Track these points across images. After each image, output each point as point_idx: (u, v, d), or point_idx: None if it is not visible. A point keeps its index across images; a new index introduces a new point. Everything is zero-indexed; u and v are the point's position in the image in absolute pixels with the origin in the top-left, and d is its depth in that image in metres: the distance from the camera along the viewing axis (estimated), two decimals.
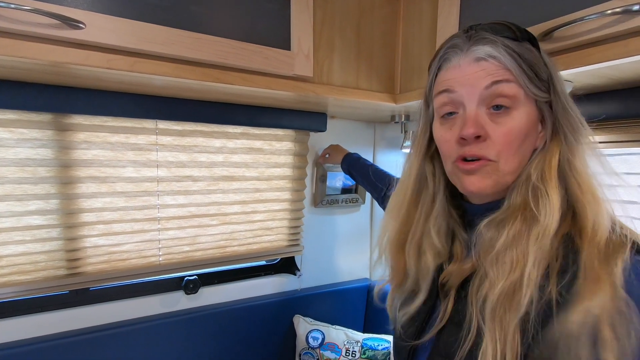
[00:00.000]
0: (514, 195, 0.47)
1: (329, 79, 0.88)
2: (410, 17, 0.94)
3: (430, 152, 0.57)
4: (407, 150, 1.23)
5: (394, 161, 1.47)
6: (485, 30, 0.47)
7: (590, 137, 0.47)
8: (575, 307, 0.39)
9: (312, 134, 1.25)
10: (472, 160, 0.48)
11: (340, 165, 1.19)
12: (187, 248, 1.12)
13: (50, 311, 0.98)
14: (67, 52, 0.60)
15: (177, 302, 1.15)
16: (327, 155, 1.25)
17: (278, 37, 0.79)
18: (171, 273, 1.11)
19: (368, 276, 1.53)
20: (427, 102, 0.56)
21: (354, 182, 1.41)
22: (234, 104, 1.02)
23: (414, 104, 0.95)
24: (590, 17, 0.55)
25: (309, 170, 1.29)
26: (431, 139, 0.56)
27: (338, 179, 1.36)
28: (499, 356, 0.41)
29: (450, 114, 0.50)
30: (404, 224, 0.58)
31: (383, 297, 0.65)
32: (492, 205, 0.50)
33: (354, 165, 1.13)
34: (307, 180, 1.29)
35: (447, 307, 0.51)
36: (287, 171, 1.24)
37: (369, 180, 1.07)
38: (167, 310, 1.13)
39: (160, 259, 1.08)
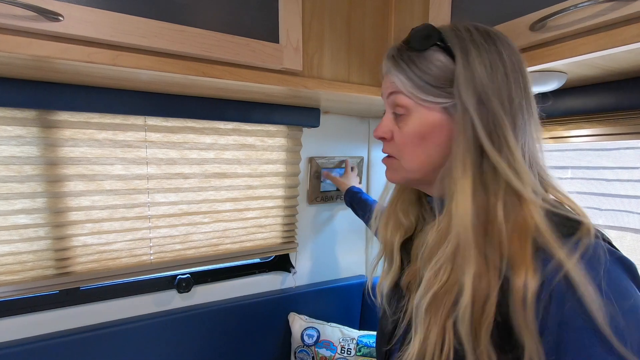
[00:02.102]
0: (436, 192, 0.53)
1: (319, 73, 0.86)
2: (402, 8, 0.92)
3: None
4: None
5: None
6: (399, 44, 0.52)
7: (514, 139, 0.46)
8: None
9: (305, 129, 1.23)
10: (388, 156, 0.56)
11: (344, 196, 1.23)
12: (179, 246, 1.10)
13: (40, 311, 0.97)
14: (45, 46, 0.58)
15: (170, 301, 1.14)
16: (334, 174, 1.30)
17: (266, 29, 0.77)
18: (163, 272, 1.10)
19: (364, 273, 1.52)
20: None
21: None
22: (225, 99, 1.01)
23: None
24: (583, 4, 0.53)
25: (302, 166, 1.27)
26: None
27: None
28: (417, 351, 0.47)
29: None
30: (388, 203, 0.65)
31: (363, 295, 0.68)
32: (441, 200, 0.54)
33: (357, 200, 1.17)
34: (301, 177, 1.28)
35: (407, 308, 0.56)
36: (280, 167, 1.22)
37: (368, 211, 1.10)
38: (160, 310, 1.12)
39: (152, 257, 1.07)
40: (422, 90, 0.49)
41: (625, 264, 0.40)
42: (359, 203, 1.16)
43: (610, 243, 0.43)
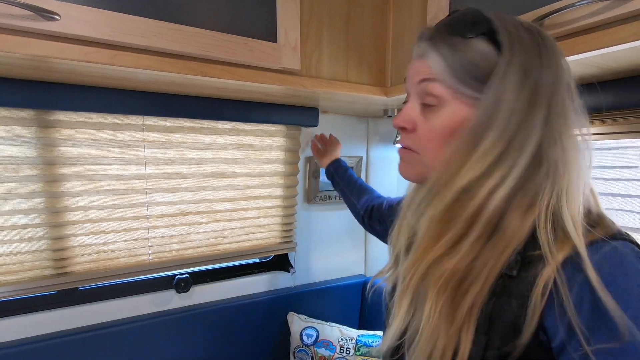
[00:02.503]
0: None
1: (318, 72, 0.86)
2: (401, 7, 0.92)
3: None
4: (400, 145, 1.22)
5: (387, 156, 1.46)
6: (438, 26, 0.48)
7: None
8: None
9: (303, 129, 1.23)
10: (405, 148, 0.51)
11: (326, 168, 1.13)
12: (177, 246, 1.10)
13: (39, 312, 0.96)
14: (43, 45, 0.58)
15: (169, 301, 1.14)
16: (320, 147, 1.20)
17: (264, 29, 0.77)
18: (162, 272, 1.10)
19: (363, 272, 1.52)
20: None
21: None
22: (223, 99, 1.01)
23: None
24: (582, 3, 0.53)
25: (301, 166, 1.27)
26: None
27: None
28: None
29: (405, 102, 0.52)
30: (406, 209, 0.59)
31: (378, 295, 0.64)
32: None
33: (341, 173, 1.08)
34: (300, 177, 1.28)
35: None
36: (279, 167, 1.22)
37: (354, 192, 1.02)
38: (159, 310, 1.12)
39: (150, 257, 1.07)
40: (462, 82, 0.44)
41: None
42: (344, 176, 1.07)
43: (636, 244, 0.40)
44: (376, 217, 0.92)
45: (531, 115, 0.42)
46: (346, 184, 1.05)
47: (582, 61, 0.61)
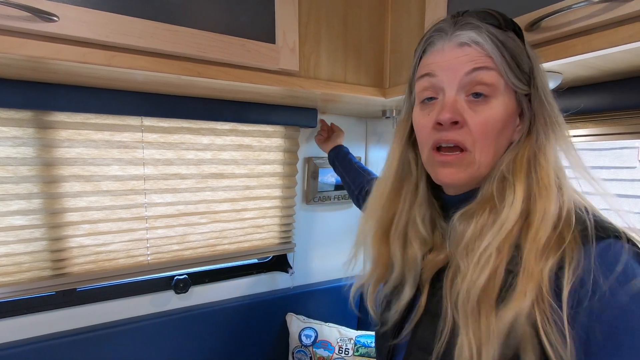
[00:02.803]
0: (486, 187, 0.47)
1: (316, 73, 0.86)
2: (399, 8, 0.92)
3: (412, 138, 0.56)
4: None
5: (385, 156, 1.46)
6: (472, 16, 0.47)
7: (567, 133, 0.47)
8: (508, 306, 0.39)
9: (302, 129, 1.23)
10: (448, 152, 0.47)
11: (328, 153, 1.18)
12: (176, 247, 1.10)
13: (37, 313, 0.96)
14: (40, 46, 0.58)
15: (168, 301, 1.14)
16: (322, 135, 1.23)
17: (262, 30, 0.77)
18: (161, 272, 1.10)
19: (361, 273, 1.52)
20: (411, 87, 0.55)
21: None
22: (222, 99, 1.01)
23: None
24: (578, 5, 0.53)
25: (299, 166, 1.27)
26: (413, 126, 0.55)
27: (330, 175, 1.35)
28: (474, 353, 0.40)
29: (430, 99, 0.49)
30: (387, 212, 0.57)
31: (360, 296, 0.62)
32: (467, 196, 0.50)
33: (341, 158, 1.12)
34: (299, 177, 1.28)
35: (422, 299, 0.51)
36: (278, 168, 1.22)
37: (351, 174, 1.06)
38: (158, 310, 1.12)
39: (149, 258, 1.07)
40: (513, 72, 0.45)
41: None
42: (343, 160, 1.10)
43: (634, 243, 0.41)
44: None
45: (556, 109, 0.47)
46: (345, 167, 1.08)
47: (579, 63, 0.61)
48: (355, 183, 1.04)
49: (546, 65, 0.62)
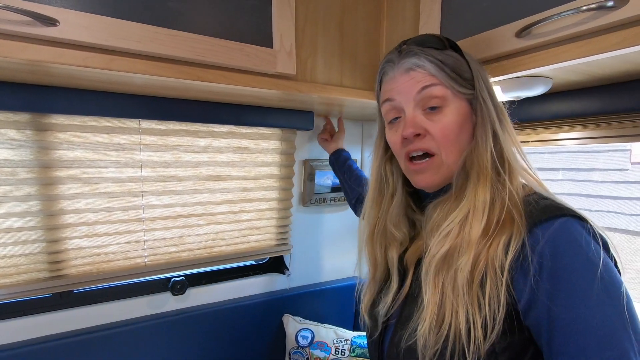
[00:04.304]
0: (454, 180, 0.55)
1: (313, 77, 0.87)
2: (394, 14, 0.93)
3: (388, 154, 0.65)
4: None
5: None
6: (414, 44, 0.55)
7: (505, 127, 0.54)
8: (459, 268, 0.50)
9: (299, 132, 1.24)
10: (420, 160, 0.56)
11: (329, 156, 1.20)
12: (173, 249, 1.11)
13: (34, 315, 0.96)
14: (41, 50, 0.59)
15: (165, 303, 1.14)
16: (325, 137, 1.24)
17: (259, 34, 0.78)
18: (158, 274, 1.10)
19: (357, 274, 1.53)
20: (379, 110, 0.64)
21: None
22: (219, 102, 1.01)
23: None
24: (567, 13, 0.55)
25: (296, 168, 1.28)
26: (387, 142, 0.62)
27: (326, 177, 1.36)
28: (435, 318, 0.49)
29: (396, 118, 0.58)
30: (372, 219, 0.66)
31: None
32: (442, 190, 0.58)
33: (341, 162, 1.15)
34: (295, 179, 1.29)
35: (406, 284, 0.58)
36: (275, 170, 1.23)
37: (349, 182, 1.10)
38: (155, 312, 1.12)
39: (146, 260, 1.07)
40: (456, 82, 0.53)
41: (595, 235, 0.45)
42: (342, 166, 1.14)
43: (585, 220, 0.46)
44: None
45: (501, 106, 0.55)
46: (344, 174, 1.13)
47: (568, 68, 0.63)
48: (353, 192, 1.09)
49: (537, 71, 0.64)
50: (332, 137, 1.22)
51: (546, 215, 0.45)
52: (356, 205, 1.07)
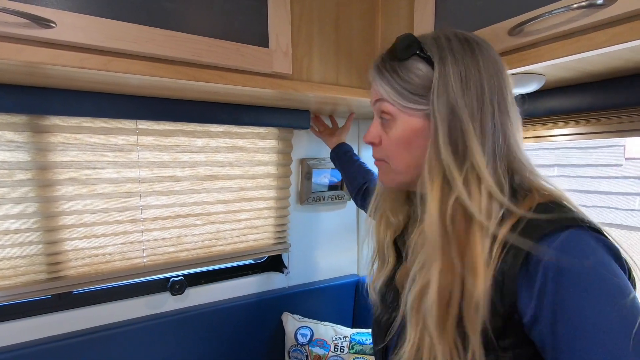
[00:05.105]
0: (419, 187, 0.54)
1: (309, 76, 0.88)
2: (389, 12, 0.94)
3: None
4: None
5: None
6: (386, 53, 0.55)
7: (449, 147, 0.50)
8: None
9: (295, 131, 1.25)
10: (378, 162, 0.60)
11: (330, 152, 1.19)
12: (171, 249, 1.11)
13: (33, 316, 0.97)
14: (38, 52, 0.59)
15: (164, 303, 1.14)
16: (319, 129, 1.24)
17: (255, 34, 0.78)
18: (156, 274, 1.10)
19: (356, 272, 1.54)
20: None
21: (340, 179, 1.42)
22: (215, 102, 1.02)
23: None
24: (558, 10, 0.56)
25: (293, 167, 1.29)
26: None
27: (324, 176, 1.37)
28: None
29: None
30: (379, 209, 0.67)
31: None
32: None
33: (341, 154, 1.15)
34: (292, 178, 1.29)
35: (399, 306, 0.58)
36: (272, 169, 1.24)
37: (349, 173, 1.10)
38: (154, 312, 1.12)
39: (145, 260, 1.07)
40: (404, 98, 0.52)
41: (608, 247, 0.41)
42: (343, 158, 1.13)
43: (598, 230, 0.43)
44: (366, 195, 1.00)
45: (480, 118, 0.47)
46: (344, 165, 1.12)
47: (561, 65, 0.64)
48: (353, 182, 1.08)
49: (530, 68, 0.65)
50: (335, 132, 1.21)
51: (553, 226, 0.42)
52: (357, 196, 1.06)
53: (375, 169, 0.77)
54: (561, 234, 0.41)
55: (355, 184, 1.06)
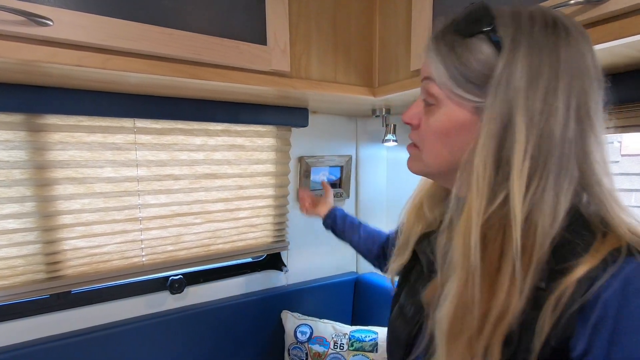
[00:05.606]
0: (456, 188, 0.47)
1: (307, 74, 0.88)
2: (386, 10, 0.94)
3: None
4: (389, 144, 1.25)
5: (376, 155, 1.49)
6: (450, 21, 0.45)
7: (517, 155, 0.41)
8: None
9: (294, 129, 1.25)
10: (411, 145, 0.53)
11: (322, 222, 1.05)
12: (170, 247, 1.11)
13: (32, 316, 0.96)
14: (35, 50, 0.59)
15: (163, 302, 1.14)
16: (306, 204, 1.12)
17: (254, 32, 0.78)
18: (155, 273, 1.10)
19: (354, 270, 1.55)
20: None
21: (338, 177, 1.42)
22: (214, 100, 1.02)
23: (394, 97, 0.96)
24: (557, 7, 0.56)
25: (292, 165, 1.29)
26: None
27: (322, 173, 1.37)
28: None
29: None
30: (415, 197, 0.62)
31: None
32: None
33: (339, 222, 1.00)
34: (291, 176, 1.29)
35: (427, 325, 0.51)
36: (270, 167, 1.24)
37: (361, 242, 0.95)
38: (153, 311, 1.12)
39: (144, 259, 1.07)
40: (456, 83, 0.43)
41: None
42: (343, 227, 0.99)
43: None
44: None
45: (541, 127, 0.39)
46: (350, 235, 0.97)
47: None
48: (369, 255, 0.95)
49: None
50: (318, 202, 1.09)
51: (620, 254, 0.36)
52: (380, 265, 0.92)
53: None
54: (625, 268, 0.36)
55: (372, 253, 0.93)
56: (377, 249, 0.92)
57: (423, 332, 0.51)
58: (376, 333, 1.21)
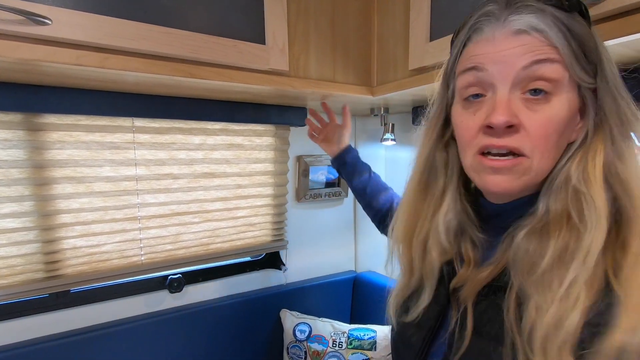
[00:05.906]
0: (552, 200, 0.39)
1: (305, 73, 0.88)
2: (385, 9, 0.94)
3: (445, 139, 0.49)
4: (387, 143, 1.25)
5: (374, 154, 1.49)
6: None
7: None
8: (608, 339, 0.33)
9: (292, 128, 1.25)
10: (502, 157, 0.40)
11: (330, 160, 1.00)
12: (169, 246, 1.11)
13: (31, 315, 0.96)
14: (34, 49, 0.59)
15: (162, 301, 1.14)
16: (316, 134, 1.04)
17: (252, 31, 0.78)
18: (154, 272, 1.10)
19: (353, 268, 1.55)
20: (447, 81, 0.47)
21: (337, 176, 1.42)
22: (212, 99, 1.02)
23: (393, 96, 0.96)
24: None
25: (290, 165, 1.29)
26: (446, 124, 0.48)
27: (320, 173, 1.37)
28: None
29: (477, 96, 0.42)
30: (412, 217, 0.52)
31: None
32: (514, 206, 0.44)
33: (349, 166, 0.95)
34: (289, 175, 1.30)
35: (466, 321, 0.43)
36: (269, 166, 1.24)
37: (366, 191, 0.91)
38: (152, 310, 1.13)
39: (143, 258, 1.07)
40: (580, 64, 0.37)
41: None
42: (356, 173, 0.92)
43: None
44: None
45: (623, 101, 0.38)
46: (356, 183, 0.93)
47: None
48: (371, 206, 0.90)
49: None
50: (334, 135, 0.98)
51: None
52: (380, 224, 0.89)
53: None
54: None
55: (375, 206, 0.88)
56: (382, 207, 0.87)
57: (439, 338, 0.46)
58: (375, 331, 1.22)
